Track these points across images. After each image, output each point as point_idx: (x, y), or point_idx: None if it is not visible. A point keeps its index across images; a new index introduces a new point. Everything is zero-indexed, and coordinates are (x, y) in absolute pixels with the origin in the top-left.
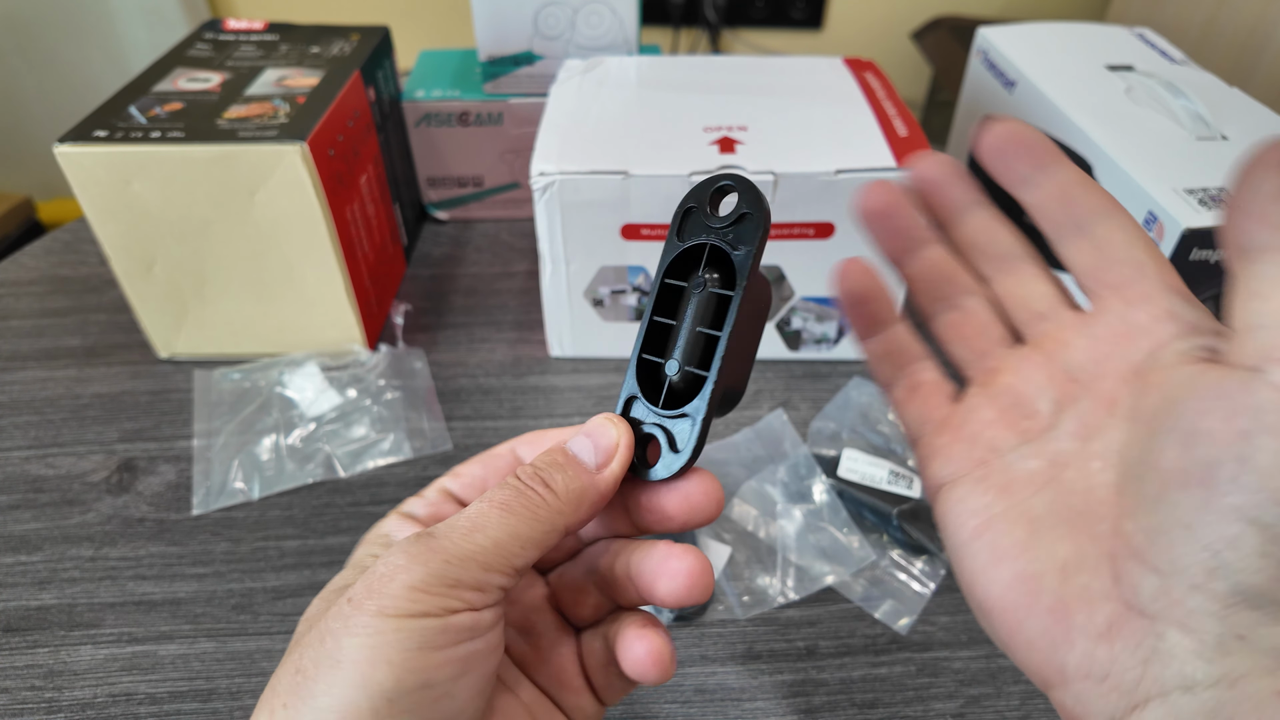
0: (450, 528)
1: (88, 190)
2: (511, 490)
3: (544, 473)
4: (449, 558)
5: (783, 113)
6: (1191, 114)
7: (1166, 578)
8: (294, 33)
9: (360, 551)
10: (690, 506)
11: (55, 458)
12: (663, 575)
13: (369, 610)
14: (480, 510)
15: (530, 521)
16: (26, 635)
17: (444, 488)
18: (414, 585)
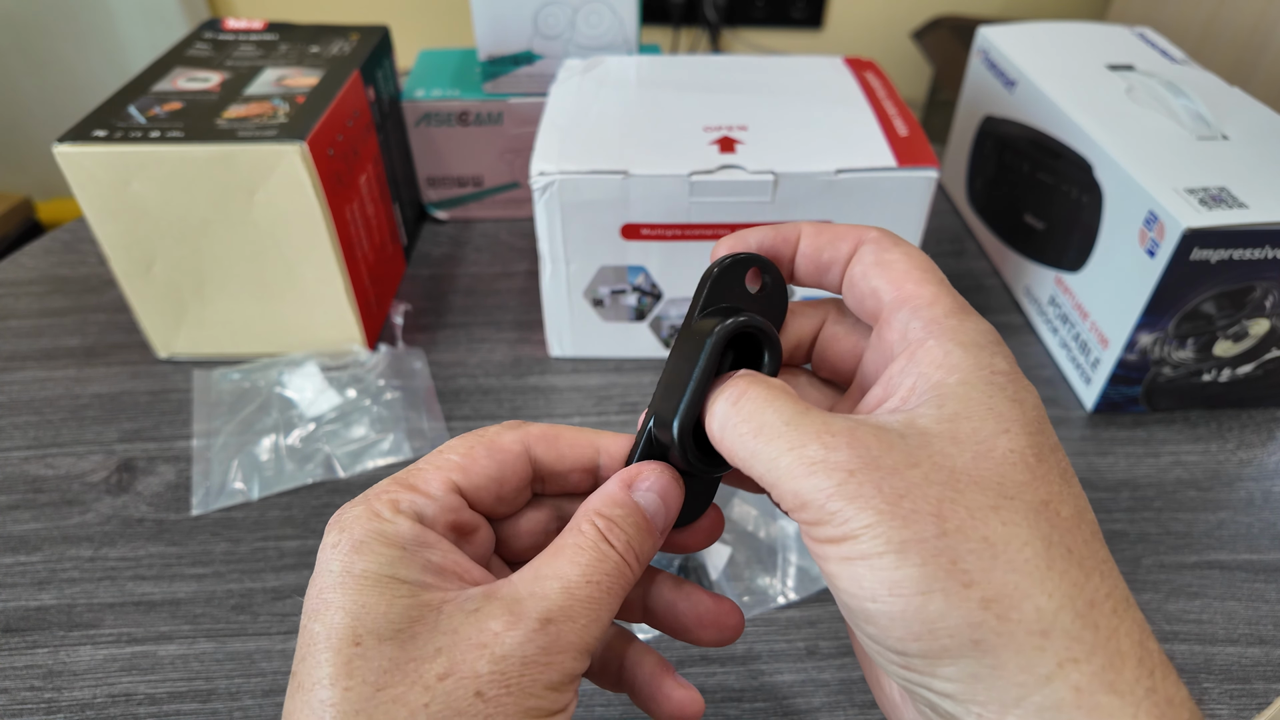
0: (567, 613)
1: (87, 190)
2: (604, 562)
3: (635, 544)
4: (576, 654)
5: (783, 112)
6: (1192, 113)
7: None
8: (293, 32)
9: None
10: (710, 539)
11: (54, 458)
12: (708, 626)
13: (511, 711)
14: (593, 596)
15: (618, 596)
16: (26, 635)
17: (453, 484)
18: (550, 684)
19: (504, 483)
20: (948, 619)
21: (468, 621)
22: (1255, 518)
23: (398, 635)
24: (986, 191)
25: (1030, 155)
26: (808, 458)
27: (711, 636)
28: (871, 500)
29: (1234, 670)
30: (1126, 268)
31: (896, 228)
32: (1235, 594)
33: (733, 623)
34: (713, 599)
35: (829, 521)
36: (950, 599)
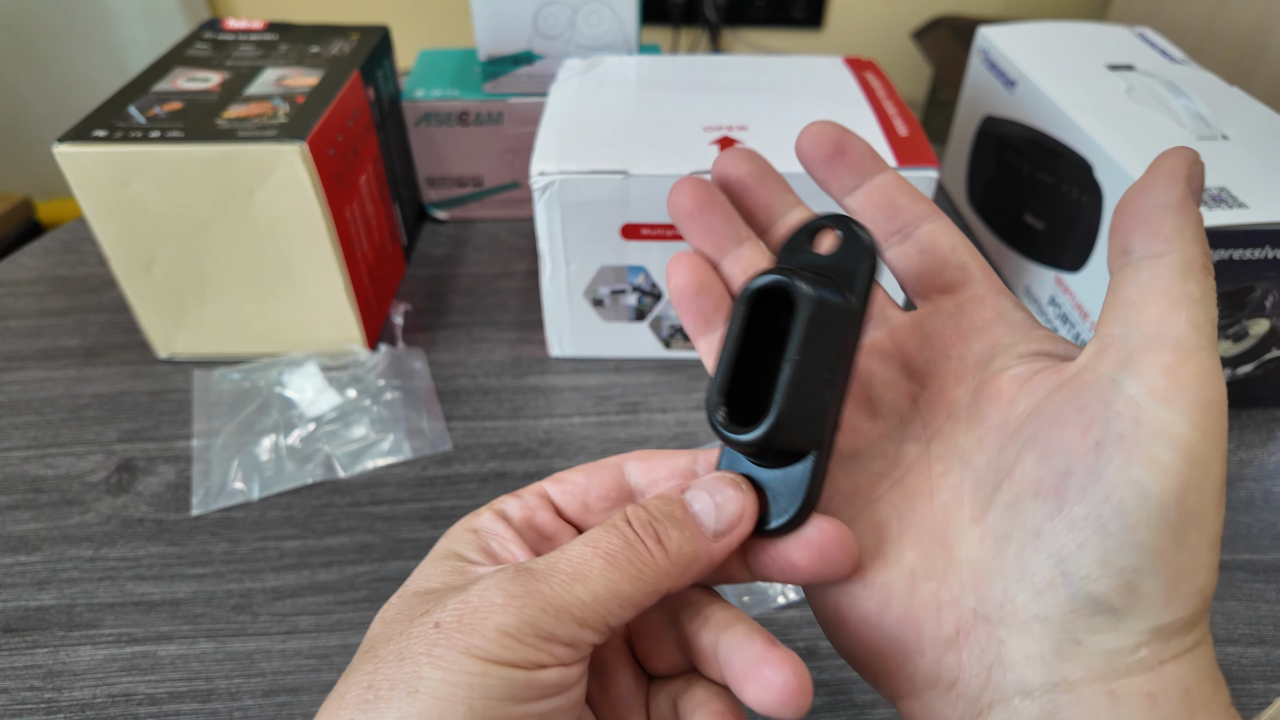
0: (551, 569)
1: (87, 190)
2: (620, 540)
3: (659, 525)
4: (546, 606)
5: (783, 112)
6: (1192, 113)
7: (1012, 584)
8: (293, 32)
9: (444, 544)
10: (824, 560)
11: (54, 458)
12: (754, 681)
13: (458, 646)
14: (583, 556)
15: (634, 580)
16: (26, 636)
17: (543, 491)
18: (507, 630)
19: (590, 491)
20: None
21: (468, 583)
22: (1255, 518)
23: (425, 593)
24: (986, 191)
25: (1030, 155)
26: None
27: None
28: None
29: (1234, 670)
30: None
31: None
32: (1235, 594)
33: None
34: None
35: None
36: None
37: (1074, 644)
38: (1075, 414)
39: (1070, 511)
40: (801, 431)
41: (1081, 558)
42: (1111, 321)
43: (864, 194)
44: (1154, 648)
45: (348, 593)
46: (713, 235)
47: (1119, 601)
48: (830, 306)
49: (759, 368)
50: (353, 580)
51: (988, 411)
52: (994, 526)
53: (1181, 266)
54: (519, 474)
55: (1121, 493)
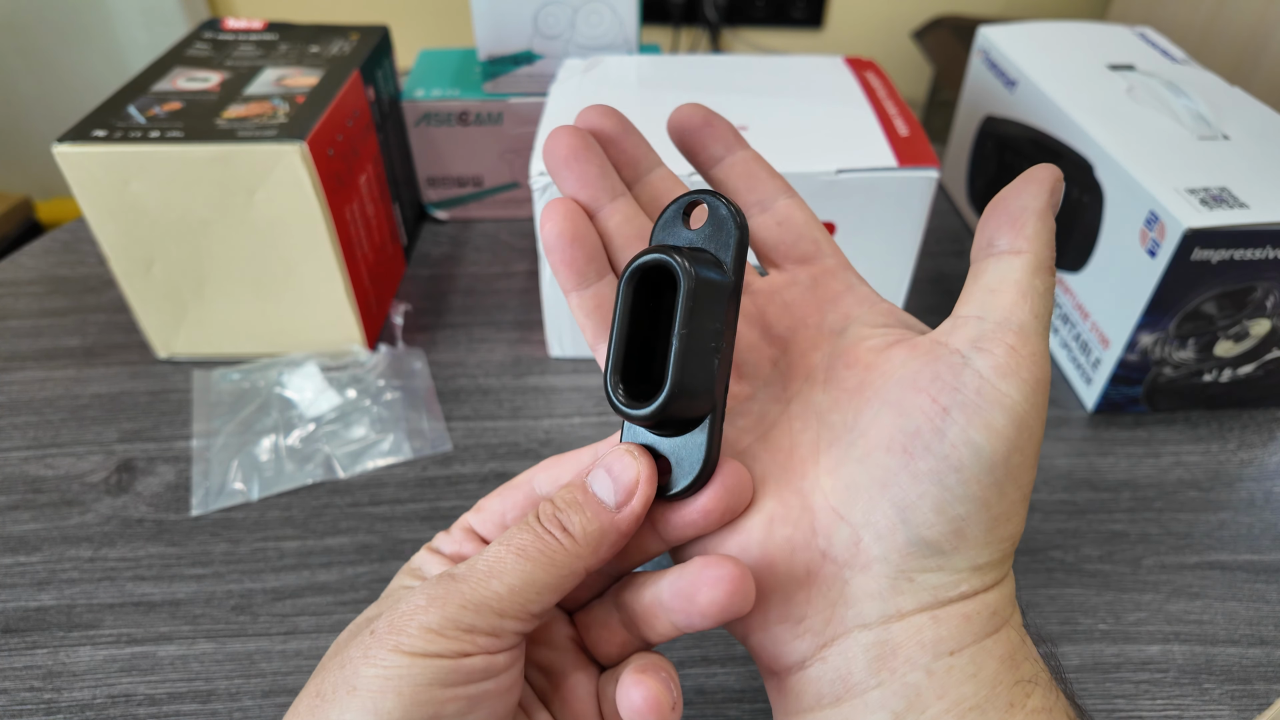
0: (470, 570)
1: (86, 190)
2: (529, 535)
3: (562, 515)
4: (465, 603)
5: (783, 112)
6: (1193, 113)
7: (857, 529)
8: (293, 32)
9: (394, 583)
10: (731, 501)
11: (54, 458)
12: (702, 585)
13: (387, 645)
14: (497, 555)
15: (546, 567)
16: (25, 636)
17: (467, 525)
18: (429, 627)
19: (505, 514)
20: None
21: (409, 592)
22: (1256, 518)
23: (374, 617)
24: (987, 191)
25: (1031, 155)
26: None
27: (708, 597)
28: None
29: (1235, 671)
30: (1127, 268)
31: (897, 227)
32: (1236, 595)
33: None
34: (704, 560)
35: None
36: None
37: (907, 581)
38: (929, 381)
39: (914, 466)
40: (695, 400)
41: (920, 506)
42: (968, 304)
43: (728, 166)
44: (972, 582)
45: (348, 593)
46: (589, 185)
47: (948, 545)
48: (709, 282)
49: (646, 342)
50: (353, 581)
51: (844, 375)
52: (845, 477)
53: (1034, 264)
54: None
55: (960, 452)
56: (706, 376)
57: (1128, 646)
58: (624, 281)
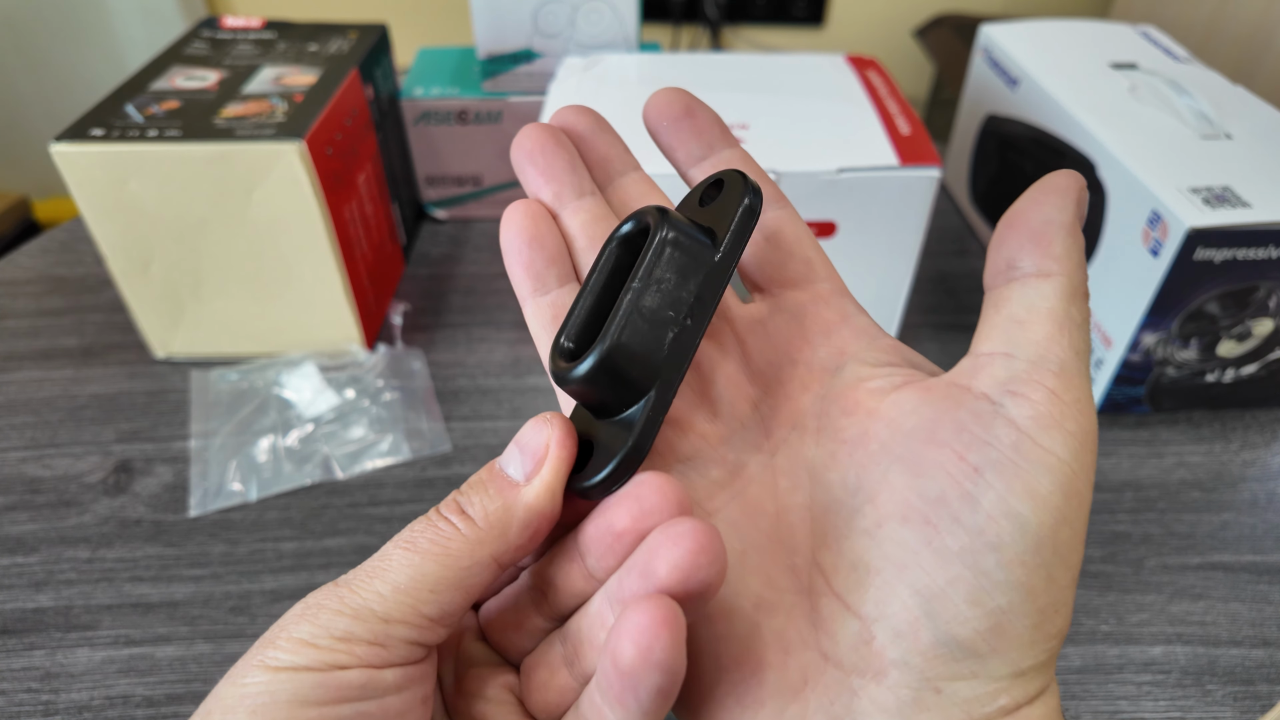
0: (354, 574)
1: (84, 189)
2: (421, 524)
3: (462, 498)
4: (341, 608)
5: (784, 110)
6: (1195, 112)
7: (870, 624)
8: (291, 30)
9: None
10: (641, 510)
11: (52, 459)
12: (663, 545)
13: (254, 661)
14: (383, 552)
15: (440, 559)
16: (23, 637)
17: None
18: (299, 638)
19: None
20: None
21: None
22: (1259, 519)
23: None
24: (989, 190)
25: (1033, 154)
26: None
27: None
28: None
29: (1238, 672)
30: (1130, 267)
31: (899, 227)
32: (1239, 595)
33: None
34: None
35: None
36: None
37: (933, 693)
38: (952, 434)
39: (940, 542)
40: (634, 368)
41: (951, 595)
42: (991, 339)
43: (711, 166)
44: (1013, 694)
45: None
46: (554, 180)
47: (984, 645)
48: (687, 243)
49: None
50: None
51: (843, 424)
52: (851, 554)
53: (1068, 290)
54: None
55: (1000, 525)
56: (655, 345)
57: (1130, 648)
58: (606, 243)
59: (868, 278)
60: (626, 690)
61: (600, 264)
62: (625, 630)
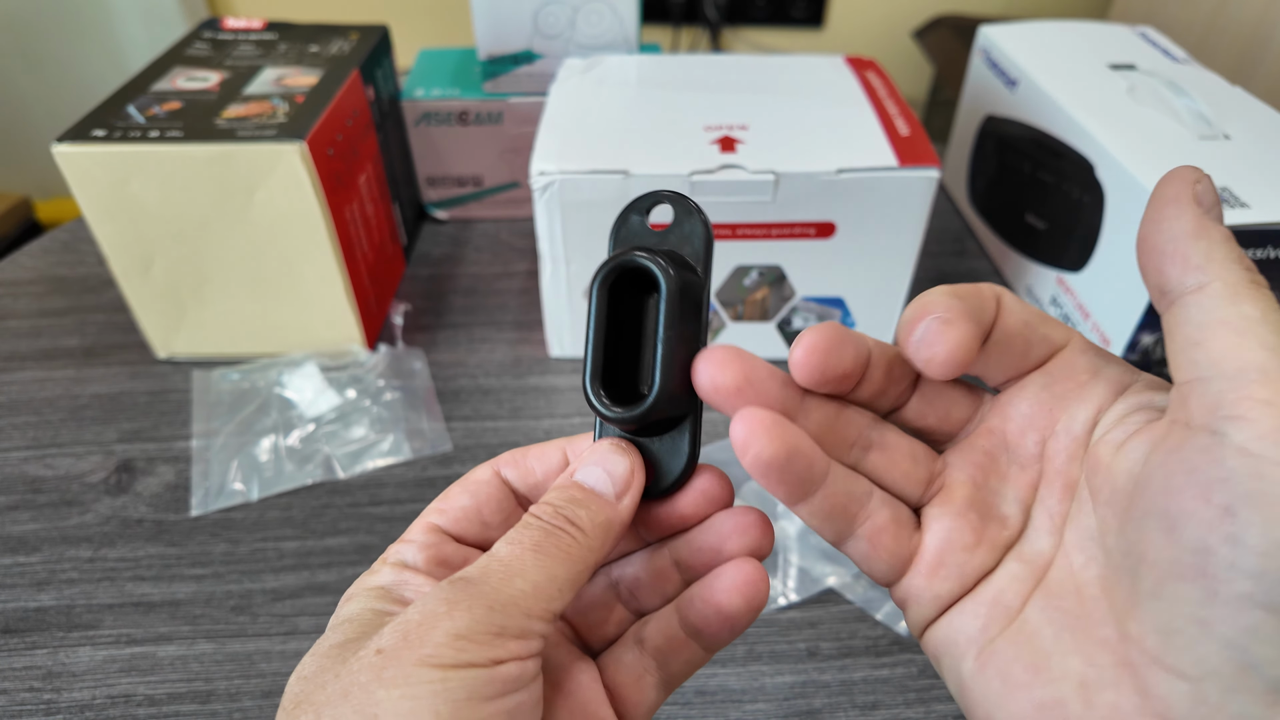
0: (485, 571)
1: (86, 190)
2: (539, 530)
3: (566, 510)
4: (493, 604)
5: (784, 111)
6: (1194, 113)
7: (1197, 683)
8: (292, 31)
9: (350, 608)
10: (708, 499)
11: (54, 458)
12: (735, 532)
13: (409, 661)
14: (513, 553)
15: (565, 562)
16: (25, 636)
17: (432, 524)
18: (459, 633)
19: (482, 509)
20: None
21: (411, 605)
22: None
23: (344, 644)
24: (988, 191)
25: (1032, 155)
26: None
27: (739, 543)
28: None
29: None
30: (1128, 268)
31: (898, 227)
32: None
33: (754, 521)
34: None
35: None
36: None
37: None
38: (1186, 479)
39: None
40: (678, 402)
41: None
42: (1182, 368)
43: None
44: None
45: None
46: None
47: None
48: (689, 283)
49: (615, 344)
50: (352, 581)
51: (1097, 485)
52: (1152, 619)
53: (1226, 292)
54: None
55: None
56: (687, 377)
57: None
58: (599, 284)
59: (867, 278)
60: (725, 628)
61: (597, 304)
62: (730, 582)
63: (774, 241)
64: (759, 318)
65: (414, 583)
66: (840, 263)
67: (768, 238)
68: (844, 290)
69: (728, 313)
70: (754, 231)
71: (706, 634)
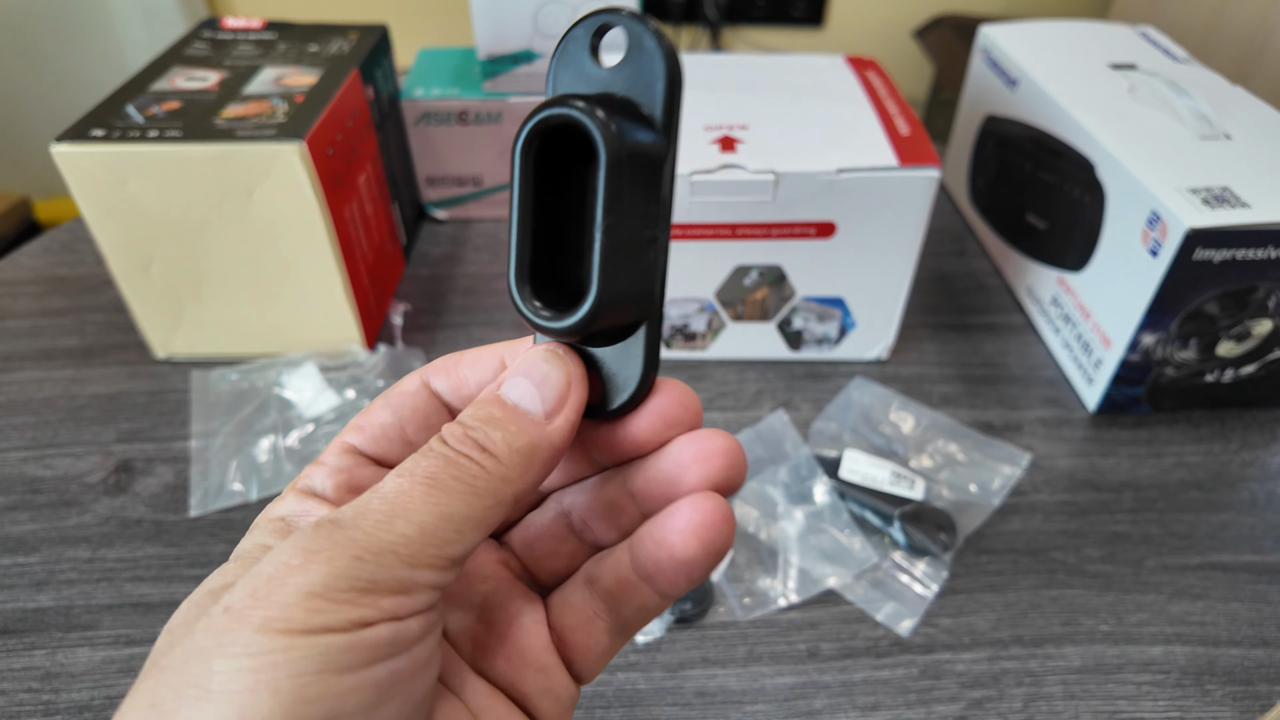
0: (360, 512)
1: (85, 190)
2: (438, 459)
3: (477, 433)
4: (360, 552)
5: (784, 111)
6: (1195, 113)
7: None
8: (292, 31)
9: (247, 541)
10: (666, 421)
11: (52, 458)
12: (695, 461)
13: (252, 623)
14: (399, 488)
15: (467, 496)
16: (23, 637)
17: (348, 444)
18: (313, 591)
19: (405, 426)
20: None
21: (270, 550)
22: (1258, 519)
23: (224, 587)
24: (988, 191)
25: (1032, 154)
26: None
27: (699, 474)
28: None
29: (1237, 672)
30: (1129, 268)
31: (898, 227)
32: (1238, 595)
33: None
34: (687, 438)
35: None
36: None
37: None
38: None
39: None
40: (628, 305)
41: None
42: None
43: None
44: None
45: None
46: None
47: None
48: (639, 149)
49: (556, 225)
50: None
51: None
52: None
53: None
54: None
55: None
56: (641, 274)
57: (1130, 648)
58: (520, 148)
59: (867, 278)
60: (680, 575)
61: (521, 177)
62: (685, 522)
63: (774, 241)
64: (759, 318)
65: (316, 514)
66: (840, 262)
67: (768, 238)
68: (844, 290)
69: (728, 313)
70: (754, 231)
71: (659, 579)
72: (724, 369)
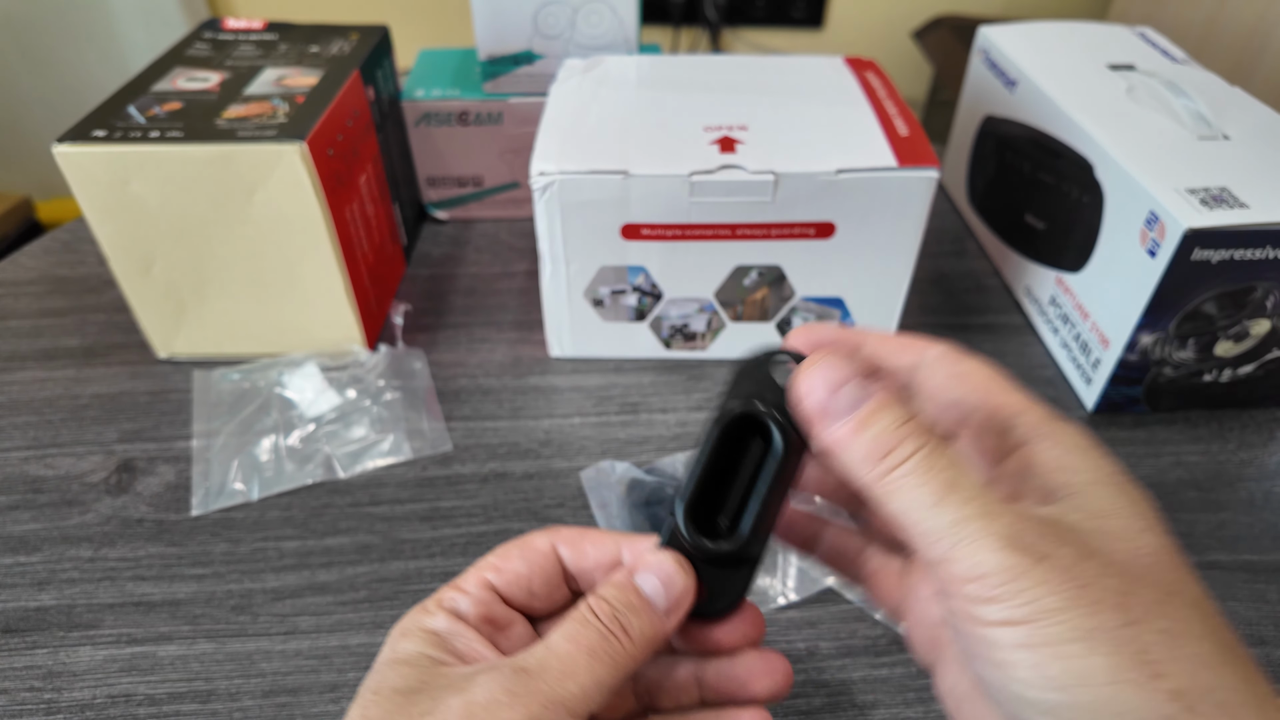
0: (543, 667)
1: (86, 190)
2: (596, 635)
3: (622, 616)
4: (546, 703)
5: (783, 112)
6: (1193, 113)
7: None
8: (293, 32)
9: (406, 646)
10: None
11: (54, 458)
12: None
13: None
14: (570, 654)
15: (611, 669)
16: (25, 636)
17: (488, 582)
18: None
19: (533, 579)
20: (1139, 711)
21: (460, 682)
22: (1256, 518)
23: (407, 692)
24: (987, 191)
25: (1031, 155)
26: (1001, 531)
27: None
28: (1061, 586)
29: None
30: (1127, 268)
31: (897, 228)
32: (1236, 595)
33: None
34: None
35: (1011, 600)
36: (1141, 690)
37: None
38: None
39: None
40: (751, 547)
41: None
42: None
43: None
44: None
45: (347, 593)
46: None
47: None
48: (797, 446)
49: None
50: (352, 581)
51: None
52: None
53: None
54: (519, 474)
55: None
56: (767, 529)
57: None
58: (720, 424)
59: (866, 278)
60: None
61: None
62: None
63: (773, 241)
64: (758, 318)
65: (465, 636)
66: (840, 263)
67: (767, 238)
68: (843, 290)
69: (727, 313)
70: (753, 231)
71: None
72: (724, 369)
